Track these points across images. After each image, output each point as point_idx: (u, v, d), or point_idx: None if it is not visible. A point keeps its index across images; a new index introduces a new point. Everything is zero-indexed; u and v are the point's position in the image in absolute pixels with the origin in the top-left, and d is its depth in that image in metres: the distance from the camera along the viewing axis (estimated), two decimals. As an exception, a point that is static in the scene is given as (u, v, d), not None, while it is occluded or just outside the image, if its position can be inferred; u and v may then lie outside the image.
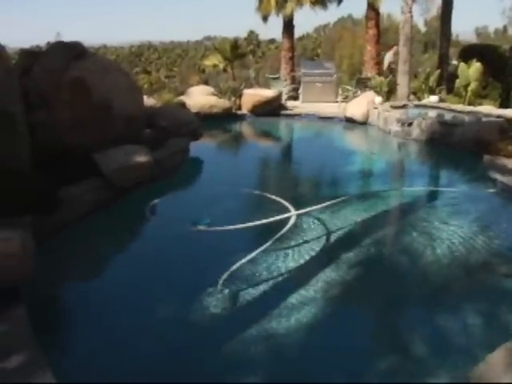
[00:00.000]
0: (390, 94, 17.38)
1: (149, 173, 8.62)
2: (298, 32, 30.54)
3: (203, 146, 12.12)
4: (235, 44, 28.17)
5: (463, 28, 47.85)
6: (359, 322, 4.95)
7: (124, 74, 9.97)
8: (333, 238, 6.79)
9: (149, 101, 13.92)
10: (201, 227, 6.79)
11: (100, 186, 7.77)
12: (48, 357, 3.70)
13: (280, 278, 5.64)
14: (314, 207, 7.57)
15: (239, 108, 17.04)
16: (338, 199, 7.97)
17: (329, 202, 7.76)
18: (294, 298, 5.14)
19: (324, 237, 6.79)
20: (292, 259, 6.09)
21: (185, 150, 10.63)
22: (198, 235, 6.75)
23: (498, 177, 9.05)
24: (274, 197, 7.97)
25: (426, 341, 4.52)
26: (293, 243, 6.56)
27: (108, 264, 6.45)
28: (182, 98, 15.91)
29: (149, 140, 9.68)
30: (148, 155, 8.72)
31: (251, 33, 68.84)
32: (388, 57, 19.77)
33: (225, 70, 28.50)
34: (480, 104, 16.87)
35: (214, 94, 16.84)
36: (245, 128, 16.73)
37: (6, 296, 4.43)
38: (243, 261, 5.75)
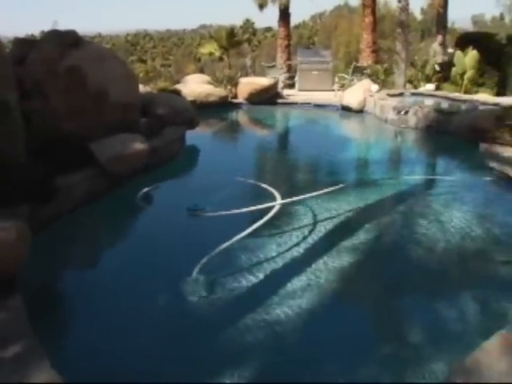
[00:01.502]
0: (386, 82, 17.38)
1: (145, 161, 8.60)
2: (294, 20, 30.52)
3: (199, 135, 12.10)
4: (231, 32, 28.04)
5: (460, 16, 47.70)
6: (355, 310, 4.96)
7: (120, 62, 9.93)
8: (329, 224, 6.80)
9: (145, 89, 13.88)
10: (195, 213, 6.81)
11: (96, 175, 7.74)
12: (44, 345, 3.69)
13: (270, 263, 5.66)
14: (310, 194, 7.58)
15: (235, 96, 16.99)
16: (336, 187, 7.97)
17: (326, 190, 7.78)
18: (282, 283, 5.18)
19: (320, 223, 6.80)
20: (280, 245, 6.11)
21: (181, 138, 10.61)
22: (192, 221, 6.80)
23: (495, 165, 9.05)
24: (266, 186, 7.92)
25: (423, 328, 4.53)
26: (285, 229, 6.61)
27: (102, 252, 6.46)
28: (178, 86, 15.85)
29: (145, 128, 9.64)
30: (144, 144, 8.70)
31: (247, 21, 68.49)
32: (435, 48, 19.35)
33: (221, 59, 28.38)
34: (476, 92, 16.87)
35: (210, 83, 16.78)
36: (241, 116, 16.70)
37: (2, 285, 4.42)
38: (226, 245, 5.76)
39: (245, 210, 6.79)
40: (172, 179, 9.00)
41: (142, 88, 13.06)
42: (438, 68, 18.18)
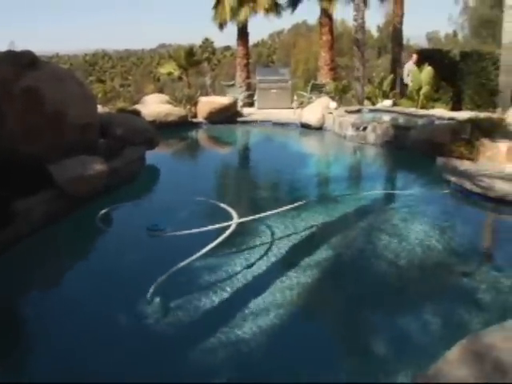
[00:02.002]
0: (343, 98, 17.59)
1: (105, 182, 8.52)
2: (252, 39, 30.75)
3: (159, 155, 12.05)
4: (190, 51, 28.13)
5: (415, 33, 48.70)
6: (318, 326, 4.98)
7: (78, 82, 9.84)
8: (290, 241, 6.80)
9: (103, 110, 13.78)
10: (155, 233, 6.77)
11: (55, 197, 7.63)
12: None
13: (227, 282, 5.62)
14: (270, 212, 7.57)
15: (195, 116, 16.97)
16: (296, 204, 7.98)
17: (286, 207, 7.81)
18: (241, 302, 5.17)
19: (280, 240, 6.80)
20: (238, 263, 6.08)
21: (141, 158, 10.55)
22: (152, 241, 6.78)
23: (452, 178, 9.22)
24: (226, 205, 7.89)
25: (386, 341, 4.57)
26: (245, 247, 6.60)
27: (60, 275, 6.31)
28: (137, 106, 15.77)
29: (104, 149, 9.56)
30: (103, 164, 8.62)
31: (206, 40, 68.88)
32: (408, 67, 19.05)
33: (180, 78, 28.41)
34: (432, 107, 17.22)
35: (170, 102, 16.74)
36: (201, 135, 16.66)
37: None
38: (183, 264, 5.72)
39: (204, 229, 6.76)
40: (132, 200, 8.92)
41: (100, 108, 12.96)
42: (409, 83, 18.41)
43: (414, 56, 18.42)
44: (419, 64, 18.71)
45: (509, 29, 16.71)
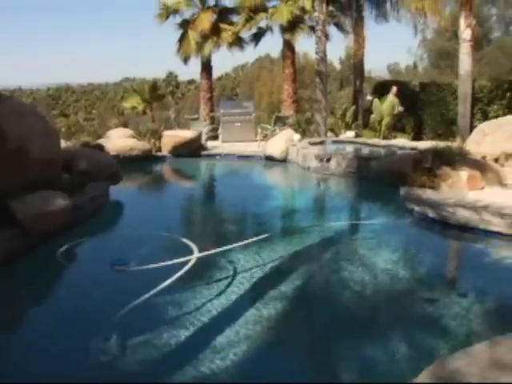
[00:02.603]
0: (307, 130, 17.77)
1: (68, 218, 8.41)
2: (216, 72, 30.96)
3: (123, 190, 11.95)
4: (154, 85, 28.20)
5: (376, 65, 49.60)
6: (284, 358, 4.93)
7: (40, 117, 9.77)
8: (253, 274, 6.75)
9: (67, 144, 13.68)
10: (119, 268, 6.68)
11: (16, 234, 7.50)
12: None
13: (186, 317, 5.55)
14: (234, 245, 7.52)
15: (159, 150, 16.96)
16: (260, 237, 7.90)
17: (251, 240, 7.74)
18: (203, 337, 5.12)
19: (244, 274, 6.74)
20: (199, 297, 6.01)
21: (105, 193, 10.47)
22: (115, 276, 6.60)
23: (415, 207, 9.34)
24: (189, 239, 7.82)
25: (353, 370, 4.57)
26: (207, 281, 6.54)
27: (18, 314, 6.15)
28: (101, 140, 15.68)
29: (68, 184, 9.46)
30: (67, 200, 8.52)
31: (170, 74, 68.98)
32: (388, 98, 18.98)
33: (144, 112, 28.40)
34: (394, 137, 17.54)
35: (134, 137, 16.70)
36: (165, 170, 16.63)
37: None
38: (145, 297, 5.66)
39: (169, 262, 6.69)
40: (95, 235, 8.82)
41: (64, 143, 12.87)
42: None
43: (394, 88, 18.60)
44: (379, 96, 19.07)
45: (464, 60, 17.19)
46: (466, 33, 17.01)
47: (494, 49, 42.81)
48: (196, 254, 7.01)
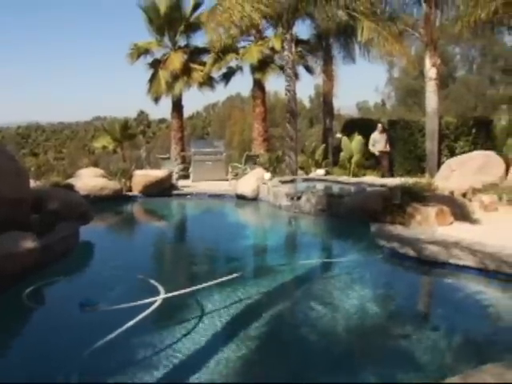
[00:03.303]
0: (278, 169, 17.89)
1: (37, 259, 8.28)
2: (187, 111, 31.10)
3: (94, 230, 11.82)
4: (125, 125, 28.26)
5: (345, 103, 50.29)
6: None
7: (9, 156, 9.68)
8: (223, 315, 6.64)
9: (36, 184, 13.55)
10: (87, 308, 6.58)
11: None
12: None
13: (153, 358, 5.45)
14: (203, 285, 7.42)
15: (130, 189, 16.87)
16: (231, 276, 7.81)
17: (220, 280, 7.63)
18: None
19: (213, 314, 6.64)
20: (166, 338, 5.91)
21: (75, 234, 10.34)
22: (81, 317, 6.54)
23: (385, 243, 9.40)
24: (157, 279, 7.74)
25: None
26: (175, 322, 6.43)
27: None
28: (71, 180, 15.58)
29: (37, 225, 9.35)
30: (35, 241, 8.40)
31: (141, 113, 69.28)
32: (373, 136, 19.08)
33: (115, 151, 28.37)
34: (364, 174, 17.74)
35: (104, 176, 16.61)
36: (136, 209, 16.53)
37: None
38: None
39: (138, 303, 6.60)
40: (64, 276, 8.68)
41: (33, 183, 12.75)
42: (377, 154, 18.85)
43: (380, 126, 18.87)
44: (349, 134, 19.33)
45: (431, 98, 17.55)
46: (431, 72, 17.40)
47: (459, 86, 43.86)
48: (162, 295, 6.94)
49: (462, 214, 10.96)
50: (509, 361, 4.52)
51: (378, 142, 18.73)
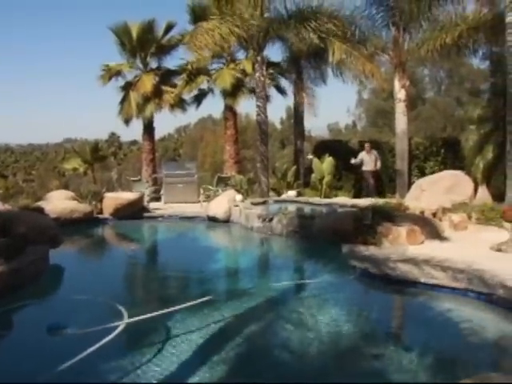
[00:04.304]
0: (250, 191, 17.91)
1: (5, 283, 8.13)
2: (159, 133, 31.07)
3: (64, 253, 11.64)
4: (96, 147, 28.19)
5: (316, 124, 50.76)
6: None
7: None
8: (193, 338, 6.52)
9: (4, 207, 13.34)
10: (55, 332, 6.48)
11: None
12: None
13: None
14: (168, 310, 7.30)
15: (101, 212, 16.67)
16: (201, 300, 7.69)
17: (190, 303, 7.53)
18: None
19: (182, 338, 6.52)
20: (130, 364, 5.77)
21: (44, 257, 10.18)
22: (50, 341, 6.47)
23: (357, 263, 9.42)
24: (119, 305, 7.58)
25: None
26: (141, 346, 6.34)
27: None
28: (41, 203, 15.38)
29: (5, 248, 9.19)
30: (2, 265, 8.27)
31: (112, 134, 68.97)
32: (361, 156, 18.88)
33: (85, 173, 28.18)
34: (335, 195, 17.86)
35: (75, 199, 16.40)
36: (107, 232, 16.35)
37: None
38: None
39: (106, 326, 6.52)
40: (33, 300, 8.54)
41: (1, 206, 12.57)
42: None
43: (367, 145, 18.84)
44: (320, 155, 19.46)
45: (400, 119, 17.79)
46: (400, 93, 17.67)
47: (428, 107, 44.63)
48: (128, 319, 6.86)
49: (432, 233, 11.04)
50: (480, 376, 4.54)
51: (368, 162, 18.70)
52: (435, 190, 14.91)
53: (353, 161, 18.72)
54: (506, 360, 5.92)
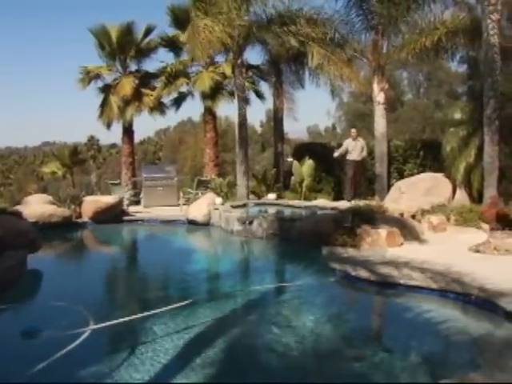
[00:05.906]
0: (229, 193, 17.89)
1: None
2: (138, 136, 30.96)
3: (42, 258, 11.52)
4: (74, 150, 27.97)
5: (296, 127, 50.79)
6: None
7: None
8: (174, 341, 6.51)
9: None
10: (29, 337, 6.44)
11: None
12: None
13: None
14: (152, 312, 7.31)
15: (80, 216, 16.53)
16: (182, 303, 7.70)
17: (171, 307, 7.51)
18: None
19: (163, 342, 6.49)
20: (109, 369, 5.74)
21: (22, 263, 10.07)
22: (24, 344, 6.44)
23: (337, 266, 9.45)
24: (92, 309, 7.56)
25: None
26: (118, 351, 6.32)
27: None
28: (19, 207, 15.22)
29: (-19, 254, 9.10)
30: (-21, 271, 8.18)
31: (92, 138, 68.38)
32: (346, 144, 17.90)
33: (64, 177, 27.97)
34: (315, 198, 17.87)
35: (53, 203, 16.26)
36: (86, 236, 16.21)
37: None
38: None
39: (82, 330, 6.49)
40: (10, 305, 8.42)
41: (-22, 211, 12.41)
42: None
43: (353, 131, 17.90)
44: (299, 158, 19.48)
45: (379, 122, 17.87)
46: (379, 96, 17.74)
47: (407, 110, 44.98)
48: (104, 323, 6.83)
49: (411, 235, 11.13)
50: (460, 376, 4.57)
51: (353, 149, 17.48)
52: (414, 192, 15.03)
53: (336, 153, 17.80)
54: (484, 360, 5.96)
